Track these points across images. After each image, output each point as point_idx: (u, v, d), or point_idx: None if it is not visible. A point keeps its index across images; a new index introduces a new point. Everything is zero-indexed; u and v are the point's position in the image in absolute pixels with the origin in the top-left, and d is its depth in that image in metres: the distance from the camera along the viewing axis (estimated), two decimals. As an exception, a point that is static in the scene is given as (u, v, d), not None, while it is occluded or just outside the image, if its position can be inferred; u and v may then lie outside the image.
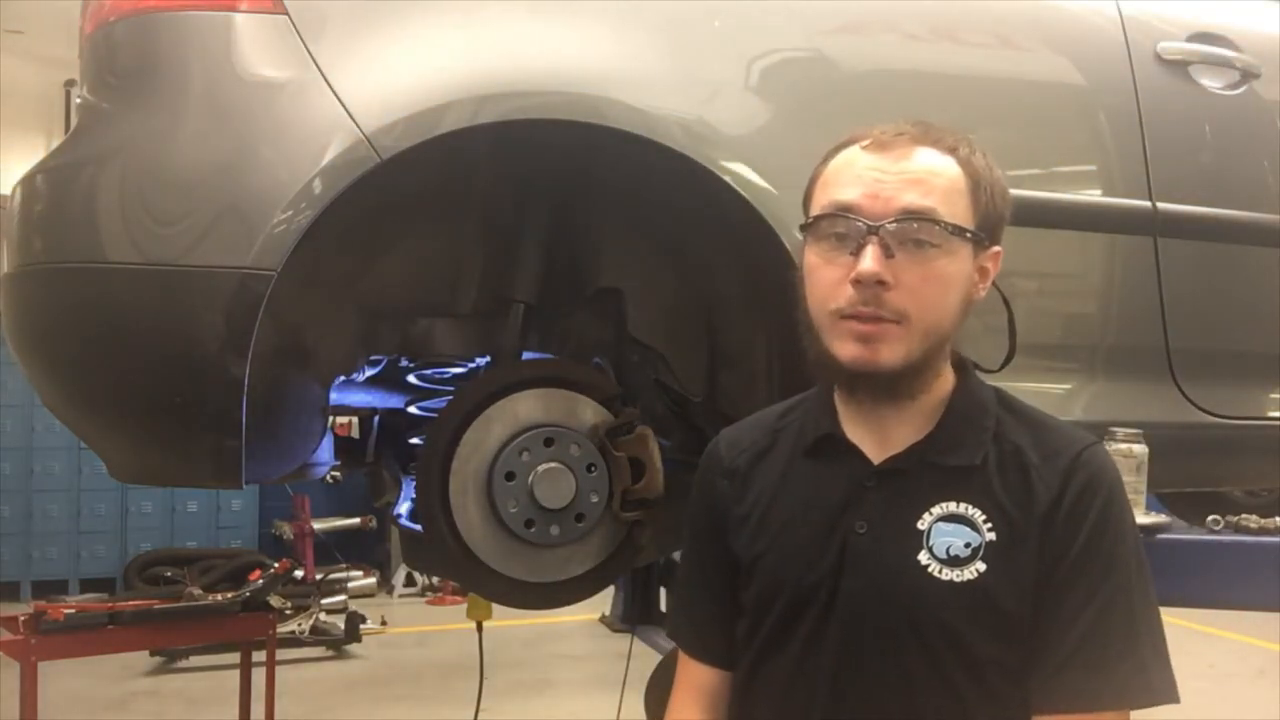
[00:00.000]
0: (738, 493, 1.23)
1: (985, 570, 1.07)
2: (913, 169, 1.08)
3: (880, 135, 1.11)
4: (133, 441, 1.55)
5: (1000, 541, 1.08)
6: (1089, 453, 1.11)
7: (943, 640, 1.07)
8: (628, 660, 2.80)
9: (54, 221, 1.46)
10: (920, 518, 1.10)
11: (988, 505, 1.09)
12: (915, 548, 1.09)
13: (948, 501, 1.10)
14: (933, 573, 1.08)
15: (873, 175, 1.08)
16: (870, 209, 1.07)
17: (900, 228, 1.06)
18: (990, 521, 1.08)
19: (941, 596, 1.07)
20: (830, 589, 1.12)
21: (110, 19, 1.48)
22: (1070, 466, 1.09)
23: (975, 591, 1.07)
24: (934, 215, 1.07)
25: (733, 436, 1.29)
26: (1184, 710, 1.08)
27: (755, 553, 1.19)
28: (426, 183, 1.61)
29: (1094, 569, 1.07)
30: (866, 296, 1.06)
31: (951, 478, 1.11)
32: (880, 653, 1.09)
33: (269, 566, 4.74)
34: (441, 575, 5.76)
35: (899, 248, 1.06)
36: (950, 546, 1.08)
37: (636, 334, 1.79)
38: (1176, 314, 1.94)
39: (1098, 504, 1.08)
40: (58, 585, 6.46)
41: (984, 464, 1.11)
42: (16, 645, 3.17)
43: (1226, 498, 2.94)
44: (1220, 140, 2.03)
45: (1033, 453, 1.11)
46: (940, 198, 1.07)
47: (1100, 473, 1.10)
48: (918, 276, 1.06)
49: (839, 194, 1.09)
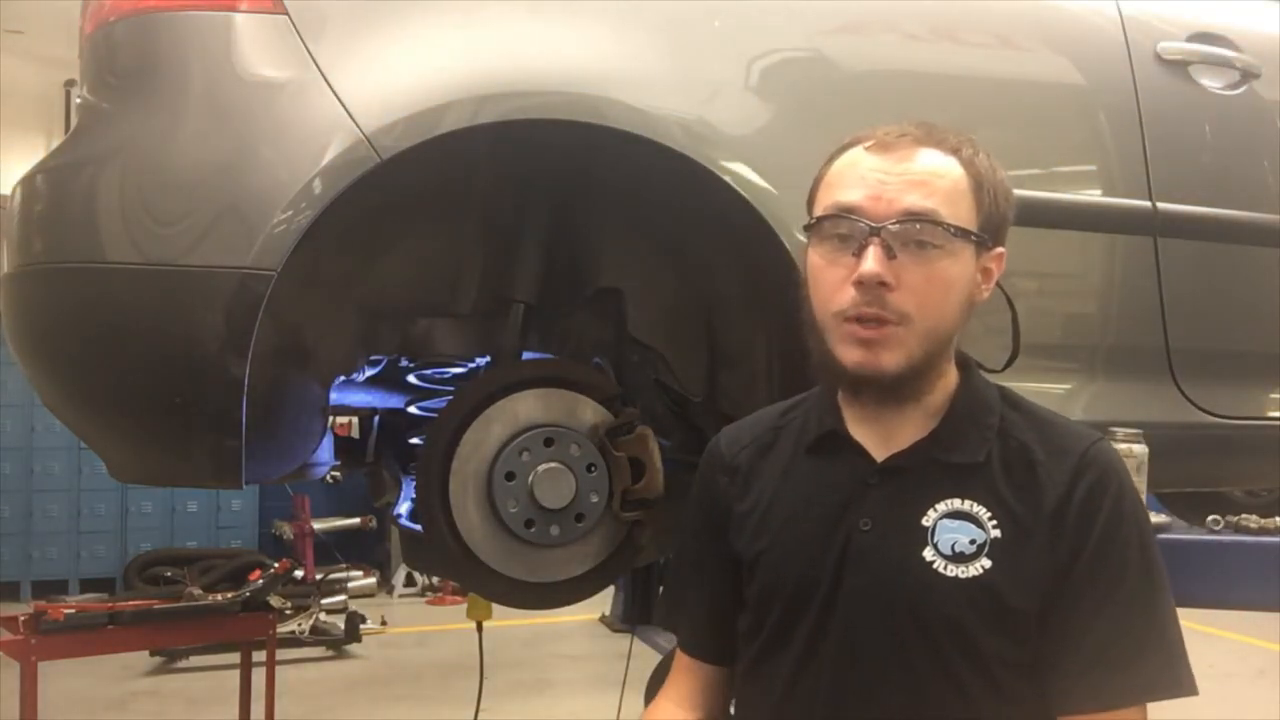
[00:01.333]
0: (739, 490, 1.23)
1: (991, 567, 1.07)
2: (915, 170, 1.08)
3: (883, 136, 1.11)
4: (133, 441, 1.54)
5: (1006, 538, 1.08)
6: (1096, 449, 1.11)
7: (948, 636, 1.07)
8: (628, 660, 2.80)
9: (54, 221, 1.46)
10: (925, 514, 1.10)
11: (992, 502, 1.09)
12: (920, 544, 1.09)
13: (952, 498, 1.10)
14: (938, 569, 1.08)
15: (875, 176, 1.08)
16: (873, 210, 1.07)
17: (902, 229, 1.06)
18: (995, 518, 1.09)
19: (947, 593, 1.07)
20: (833, 585, 1.12)
21: (110, 19, 1.48)
22: (1079, 464, 1.09)
23: (981, 588, 1.07)
24: (936, 217, 1.07)
25: (734, 434, 1.29)
26: (1184, 710, 1.08)
27: (757, 549, 1.19)
28: (426, 183, 1.61)
29: (1111, 565, 1.07)
30: (869, 298, 1.06)
31: (955, 475, 1.11)
32: (884, 649, 1.09)
33: (269, 566, 4.74)
34: (441, 575, 5.76)
35: (901, 249, 1.06)
36: (955, 543, 1.08)
37: (636, 334, 1.79)
38: (1176, 314, 1.94)
39: (1109, 500, 1.08)
40: (58, 585, 6.46)
41: (988, 461, 1.11)
42: (16, 645, 3.17)
43: (1226, 498, 2.94)
44: (1220, 140, 2.03)
45: (1039, 450, 1.11)
46: (942, 199, 1.08)
47: (1109, 468, 1.10)
48: (920, 277, 1.07)
49: (841, 195, 1.10)
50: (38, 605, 3.35)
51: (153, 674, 5.18)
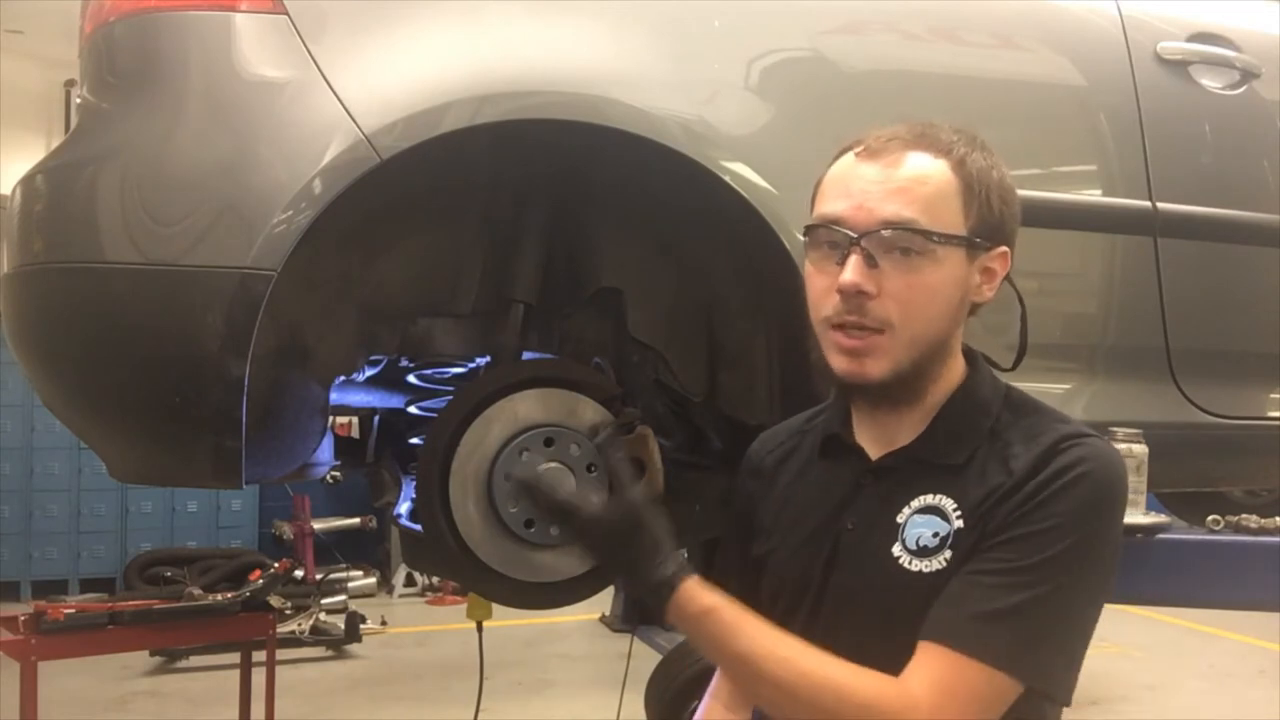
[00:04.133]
0: (764, 492, 1.27)
1: (951, 558, 1.06)
2: (898, 177, 1.08)
3: (872, 142, 1.11)
4: (133, 441, 1.55)
5: (967, 527, 1.07)
6: (1074, 444, 1.07)
7: (910, 633, 1.05)
8: (628, 660, 2.80)
9: (54, 221, 1.46)
10: (900, 512, 1.11)
11: (961, 495, 1.08)
12: (891, 541, 1.10)
13: (926, 494, 1.10)
14: (903, 564, 1.09)
15: (859, 185, 1.09)
16: (854, 220, 1.08)
17: (883, 238, 1.07)
18: (960, 509, 1.08)
19: (909, 588, 1.07)
20: (821, 585, 1.14)
21: (110, 19, 1.48)
22: (1046, 453, 1.06)
23: (940, 581, 1.06)
24: (914, 225, 1.06)
25: (767, 438, 1.33)
26: (1184, 710, 1.08)
27: (765, 551, 1.22)
28: (426, 183, 1.61)
29: (1034, 537, 1.02)
30: (850, 306, 1.07)
31: (937, 474, 1.11)
32: (856, 646, 1.08)
33: (269, 566, 4.74)
34: (441, 575, 5.76)
35: (884, 256, 1.07)
36: (920, 538, 1.08)
37: (636, 334, 1.79)
38: (1176, 314, 1.94)
39: (1061, 483, 1.03)
40: (58, 585, 6.46)
41: (970, 461, 1.10)
42: (16, 645, 3.17)
43: (1226, 498, 2.94)
44: (1220, 140, 2.03)
45: (1019, 446, 1.09)
46: (924, 205, 1.07)
47: (1080, 461, 1.05)
48: (903, 285, 1.07)
49: (828, 205, 1.11)
50: (38, 605, 3.36)
51: (153, 674, 5.18)
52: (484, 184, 1.72)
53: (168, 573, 6.11)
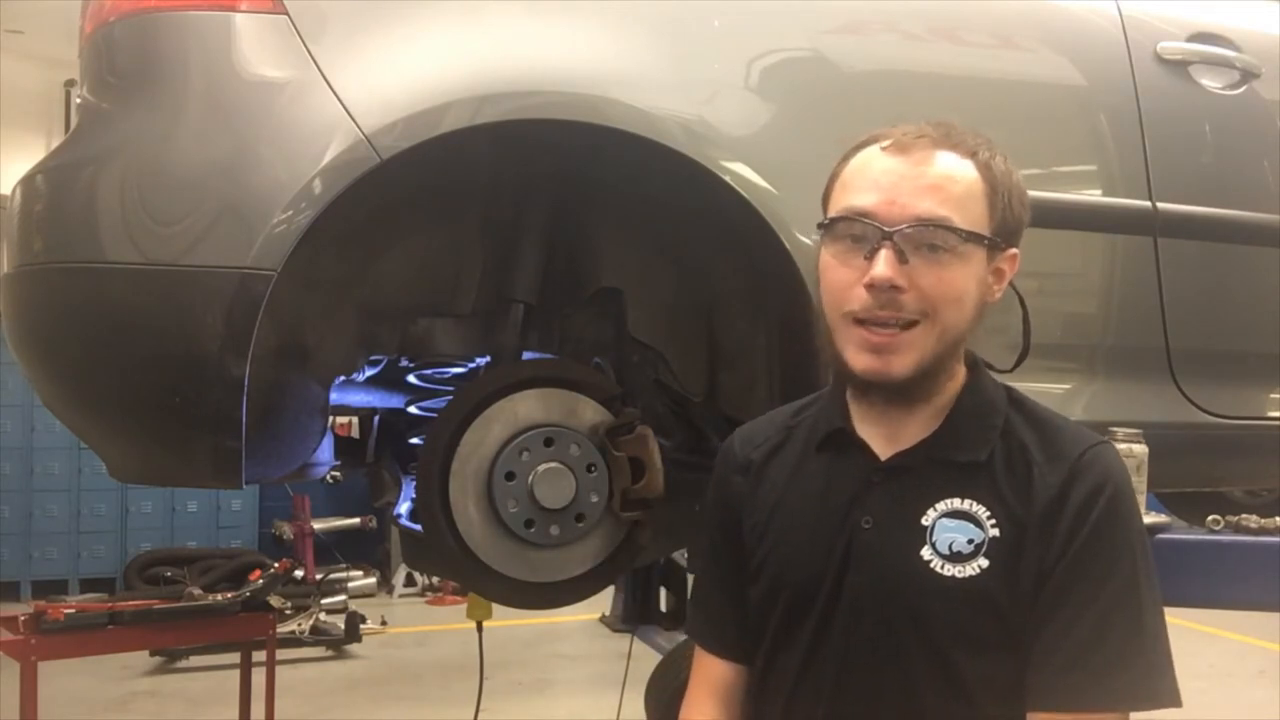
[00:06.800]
0: (751, 488, 1.24)
1: (988, 566, 1.07)
2: (931, 174, 1.08)
3: (901, 137, 1.11)
4: (132, 441, 1.54)
5: (1005, 538, 1.08)
6: (1093, 453, 1.11)
7: (945, 636, 1.07)
8: (628, 660, 2.80)
9: (54, 221, 1.46)
10: (925, 514, 1.10)
11: (992, 501, 1.09)
12: (919, 543, 1.09)
13: (953, 498, 1.10)
14: (935, 568, 1.08)
15: (890, 180, 1.09)
16: (886, 214, 1.07)
17: (915, 233, 1.06)
18: (994, 518, 1.09)
19: (943, 591, 1.07)
20: (835, 584, 1.13)
21: (110, 19, 1.48)
22: (1074, 467, 1.09)
23: (977, 587, 1.07)
24: (948, 223, 1.07)
25: (747, 432, 1.30)
26: (1184, 710, 1.08)
27: (764, 547, 1.20)
28: (426, 182, 1.61)
29: (1098, 568, 1.06)
30: (881, 300, 1.07)
31: (957, 474, 1.11)
32: (882, 648, 1.09)
33: (269, 566, 4.73)
34: (441, 575, 5.76)
35: (913, 252, 1.06)
36: (953, 543, 1.08)
37: (636, 334, 1.79)
38: (1176, 314, 1.94)
39: (1101, 504, 1.08)
40: (58, 585, 6.46)
41: (990, 460, 1.11)
42: (16, 645, 3.17)
43: (1226, 498, 2.94)
44: (1220, 140, 2.03)
45: (1038, 452, 1.11)
46: (956, 204, 1.08)
47: (1106, 474, 1.09)
48: (931, 280, 1.07)
49: (856, 197, 1.10)
50: (38, 605, 3.35)
51: (153, 674, 5.18)
52: (484, 184, 1.72)
53: (168, 573, 6.11)
